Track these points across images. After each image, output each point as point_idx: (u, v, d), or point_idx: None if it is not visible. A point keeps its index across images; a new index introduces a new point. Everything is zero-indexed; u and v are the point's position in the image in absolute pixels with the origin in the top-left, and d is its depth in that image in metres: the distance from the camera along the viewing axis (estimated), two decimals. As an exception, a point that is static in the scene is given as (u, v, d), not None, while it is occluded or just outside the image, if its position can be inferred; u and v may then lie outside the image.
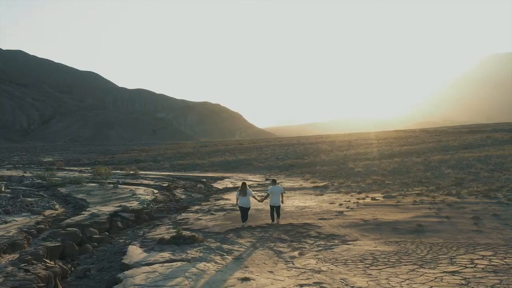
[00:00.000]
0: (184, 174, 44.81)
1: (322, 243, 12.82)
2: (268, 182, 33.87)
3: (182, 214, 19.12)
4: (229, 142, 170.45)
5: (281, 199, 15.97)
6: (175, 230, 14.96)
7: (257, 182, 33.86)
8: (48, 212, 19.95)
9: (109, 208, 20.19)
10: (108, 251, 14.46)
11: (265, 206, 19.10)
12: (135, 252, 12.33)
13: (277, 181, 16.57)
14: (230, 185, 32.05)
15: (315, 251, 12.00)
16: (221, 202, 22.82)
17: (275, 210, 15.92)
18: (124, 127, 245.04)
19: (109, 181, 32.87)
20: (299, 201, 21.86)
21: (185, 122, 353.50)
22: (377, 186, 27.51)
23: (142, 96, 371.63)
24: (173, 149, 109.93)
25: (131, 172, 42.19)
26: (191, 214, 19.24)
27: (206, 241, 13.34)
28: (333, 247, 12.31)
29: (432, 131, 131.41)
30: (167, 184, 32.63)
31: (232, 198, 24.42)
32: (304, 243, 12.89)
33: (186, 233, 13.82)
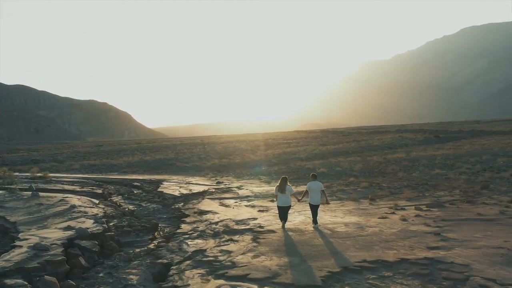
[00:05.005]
0: (104, 176, 36.52)
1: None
2: (222, 186, 27.57)
3: (189, 243, 12.00)
4: (126, 141, 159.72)
5: (324, 198, 14.04)
6: (226, 283, 8.24)
7: (212, 187, 27.22)
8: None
9: (55, 234, 12.54)
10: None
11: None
12: None
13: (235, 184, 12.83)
14: (185, 191, 25.01)
15: None
16: (212, 217, 15.99)
17: (315, 210, 13.78)
18: (3, 125, 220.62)
19: (19, 186, 24.18)
20: (321, 214, 15.78)
21: (70, 121, 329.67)
22: (379, 190, 22.35)
23: (23, 93, 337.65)
24: (68, 148, 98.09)
25: (38, 174, 33.17)
26: (199, 240, 12.25)
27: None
28: None
29: (332, 131, 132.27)
30: (101, 191, 24.74)
31: (217, 210, 17.82)
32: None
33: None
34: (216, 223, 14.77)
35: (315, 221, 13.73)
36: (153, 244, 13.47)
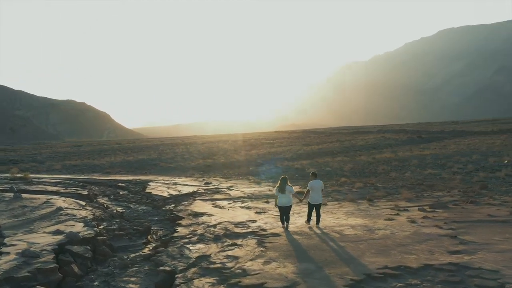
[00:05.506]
0: (87, 177, 35.33)
1: None
2: (211, 186, 26.75)
3: (191, 248, 11.15)
4: (107, 141, 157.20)
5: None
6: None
7: (201, 187, 26.40)
8: None
9: (44, 239, 11.62)
10: None
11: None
12: None
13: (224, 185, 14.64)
14: (174, 192, 24.13)
15: None
16: (208, 220, 15.16)
17: (316, 210, 13.40)
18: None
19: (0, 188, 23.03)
20: (323, 216, 15.09)
21: (48, 121, 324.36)
22: (375, 190, 21.85)
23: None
24: (46, 148, 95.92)
25: (18, 175, 31.88)
26: (200, 245, 11.46)
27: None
28: None
29: (313, 131, 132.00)
30: (86, 192, 23.70)
31: (212, 212, 17.02)
32: None
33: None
34: (214, 225, 13.99)
35: (311, 220, 13.49)
36: (147, 249, 12.68)
